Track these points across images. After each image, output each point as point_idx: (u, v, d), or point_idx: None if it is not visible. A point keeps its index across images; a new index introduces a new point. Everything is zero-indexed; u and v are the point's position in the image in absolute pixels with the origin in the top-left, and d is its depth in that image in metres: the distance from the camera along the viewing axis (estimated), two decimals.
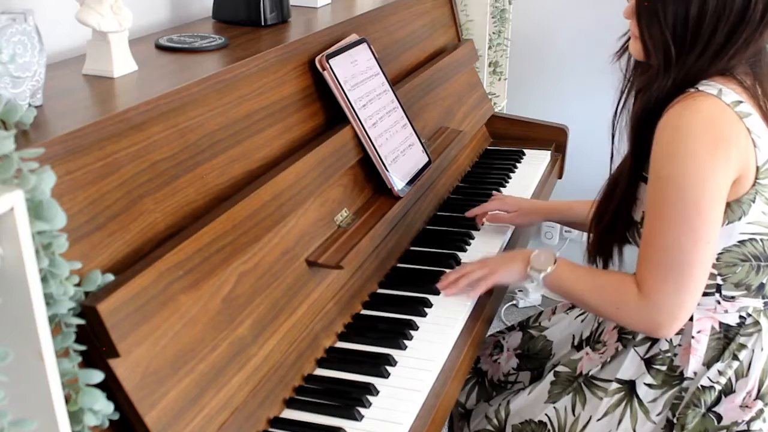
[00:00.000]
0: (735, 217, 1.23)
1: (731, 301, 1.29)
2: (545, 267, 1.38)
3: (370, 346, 1.32)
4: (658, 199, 1.22)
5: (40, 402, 0.72)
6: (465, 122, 2.09)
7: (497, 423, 1.47)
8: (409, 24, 2.02)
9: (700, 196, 1.18)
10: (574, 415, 1.37)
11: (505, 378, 1.60)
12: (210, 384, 1.04)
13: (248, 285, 1.17)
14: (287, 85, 1.44)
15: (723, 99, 1.20)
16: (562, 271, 1.37)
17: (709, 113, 1.19)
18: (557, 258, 1.39)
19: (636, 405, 1.32)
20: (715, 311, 1.30)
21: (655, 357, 1.32)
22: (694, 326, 1.30)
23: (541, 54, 2.91)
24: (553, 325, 1.58)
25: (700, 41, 1.22)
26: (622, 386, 1.34)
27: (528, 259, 1.40)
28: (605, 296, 1.31)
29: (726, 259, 1.26)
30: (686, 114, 1.20)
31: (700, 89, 1.21)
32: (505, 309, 3.05)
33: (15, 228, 0.67)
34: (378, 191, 1.59)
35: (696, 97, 1.20)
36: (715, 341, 1.30)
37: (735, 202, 1.22)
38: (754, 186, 1.22)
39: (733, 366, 1.29)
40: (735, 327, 1.30)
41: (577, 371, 1.41)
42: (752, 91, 1.24)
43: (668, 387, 1.31)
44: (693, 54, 1.22)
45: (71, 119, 1.01)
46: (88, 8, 1.16)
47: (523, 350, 1.59)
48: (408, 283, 1.50)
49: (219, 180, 1.22)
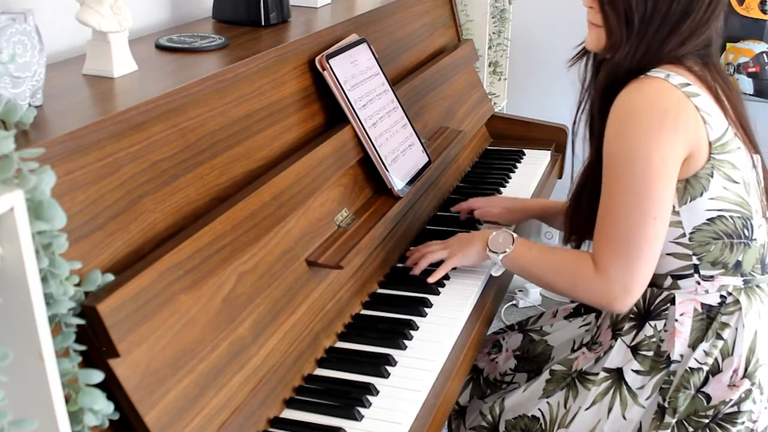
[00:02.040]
0: (696, 192, 1.26)
1: (710, 280, 1.31)
2: (503, 248, 1.42)
3: (370, 346, 1.32)
4: (609, 177, 1.27)
5: (40, 402, 0.72)
6: (465, 122, 2.09)
7: (491, 419, 1.48)
8: (409, 24, 2.02)
9: (647, 172, 1.22)
10: (566, 408, 1.39)
11: (502, 378, 1.60)
12: (210, 384, 1.04)
13: (248, 285, 1.17)
14: (287, 85, 1.44)
15: (670, 81, 1.25)
16: (520, 251, 1.41)
17: (656, 92, 1.24)
18: (515, 238, 1.42)
19: (625, 392, 1.33)
20: (696, 293, 1.32)
21: (641, 343, 1.34)
22: (677, 309, 1.32)
23: (541, 54, 2.91)
24: (555, 331, 1.58)
25: (658, 15, 1.26)
26: (609, 374, 1.35)
27: (486, 241, 1.44)
28: (563, 274, 1.35)
29: (698, 238, 1.29)
30: (633, 94, 1.25)
31: (648, 74, 1.26)
32: (505, 309, 3.05)
33: (15, 228, 0.67)
34: (378, 191, 1.59)
35: (643, 80, 1.25)
36: (698, 322, 1.32)
37: (693, 178, 1.26)
38: (709, 161, 1.25)
39: (717, 345, 1.30)
40: (716, 307, 1.32)
41: (572, 369, 1.42)
42: (700, 74, 1.29)
43: (656, 372, 1.32)
44: (652, 26, 1.27)
45: (71, 119, 1.01)
46: (88, 8, 1.16)
47: (523, 352, 1.59)
48: (408, 283, 1.50)
49: (219, 180, 1.22)
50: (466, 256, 1.48)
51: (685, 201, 1.27)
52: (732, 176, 1.27)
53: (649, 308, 1.35)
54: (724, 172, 1.27)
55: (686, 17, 1.26)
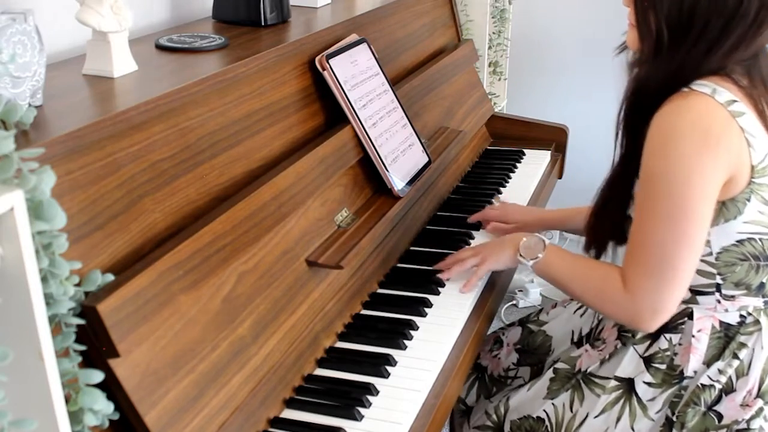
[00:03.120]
0: (730, 215, 1.23)
1: (731, 300, 1.29)
2: (535, 254, 1.41)
3: (370, 346, 1.32)
4: (646, 197, 1.23)
5: (40, 402, 0.72)
6: (465, 122, 2.09)
7: (496, 419, 1.48)
8: (409, 24, 2.02)
9: (687, 196, 1.19)
10: (572, 411, 1.38)
11: (505, 373, 1.60)
12: (210, 384, 1.04)
13: (248, 285, 1.16)
14: (287, 85, 1.44)
15: (716, 98, 1.20)
16: (551, 258, 1.40)
17: (700, 112, 1.19)
18: (547, 244, 1.41)
19: (635, 403, 1.32)
20: (715, 310, 1.30)
21: (655, 355, 1.32)
22: (695, 325, 1.30)
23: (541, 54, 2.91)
24: (552, 319, 1.58)
25: (693, 32, 1.21)
26: (620, 384, 1.34)
27: (518, 246, 1.43)
28: (591, 286, 1.33)
29: (725, 258, 1.26)
30: (676, 112, 1.20)
31: (693, 88, 1.21)
32: (505, 309, 3.05)
33: (15, 228, 0.67)
34: (378, 191, 1.59)
35: (688, 96, 1.21)
36: (715, 340, 1.30)
37: (730, 201, 1.23)
38: (749, 185, 1.22)
39: (733, 365, 1.29)
40: (735, 326, 1.30)
41: (576, 368, 1.41)
42: (748, 90, 1.24)
43: (668, 386, 1.31)
44: (686, 44, 1.22)
45: (71, 119, 1.01)
46: (88, 8, 1.16)
47: (523, 345, 1.59)
48: (408, 283, 1.50)
49: (219, 180, 1.22)
50: (498, 261, 1.47)
51: (718, 222, 1.23)
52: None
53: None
54: (762, 195, 1.23)
55: (728, 33, 1.20)
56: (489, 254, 1.48)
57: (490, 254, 1.48)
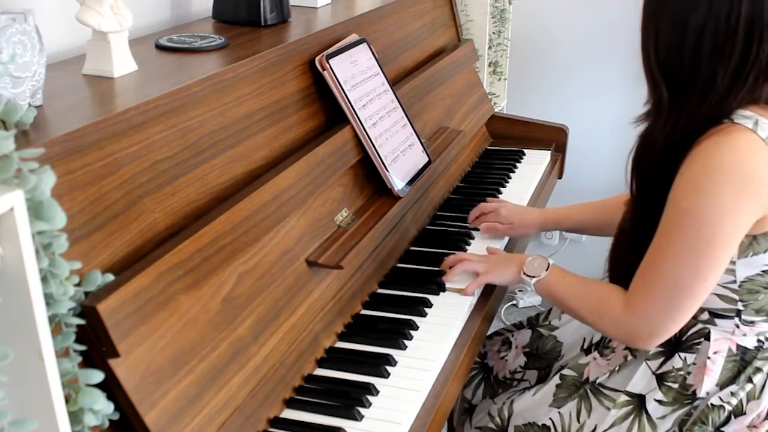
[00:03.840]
0: (760, 249, 1.21)
1: (750, 325, 1.28)
2: (538, 273, 1.41)
3: (370, 346, 1.32)
4: (671, 228, 1.20)
5: (40, 402, 0.72)
6: (465, 122, 2.09)
7: (500, 422, 1.47)
8: (409, 24, 2.02)
9: (715, 236, 1.16)
10: (579, 422, 1.37)
11: (512, 375, 1.59)
12: (210, 384, 1.04)
13: (248, 285, 1.16)
14: (287, 85, 1.44)
15: (759, 133, 1.15)
16: (554, 277, 1.39)
17: (742, 153, 1.15)
18: (550, 264, 1.41)
19: (645, 420, 1.30)
20: (733, 333, 1.29)
21: (668, 374, 1.31)
22: (711, 346, 1.28)
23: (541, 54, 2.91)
24: (563, 325, 1.57)
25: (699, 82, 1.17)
26: (631, 399, 1.32)
27: (522, 265, 1.43)
28: (590, 304, 1.33)
29: (748, 286, 1.24)
30: (719, 150, 1.15)
31: (735, 121, 1.17)
32: (505, 309, 3.05)
33: (15, 228, 0.67)
34: (378, 191, 1.59)
35: (731, 132, 1.16)
36: (731, 363, 1.29)
37: (762, 236, 1.20)
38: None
39: (746, 388, 1.28)
40: (753, 350, 1.29)
41: (584, 376, 1.40)
42: None
43: (679, 405, 1.29)
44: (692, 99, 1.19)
45: (71, 119, 1.01)
46: (88, 8, 1.16)
47: (532, 348, 1.58)
48: (408, 283, 1.50)
49: (219, 180, 1.22)
50: (501, 275, 1.47)
51: (746, 255, 1.21)
52: None
53: (680, 338, 1.31)
54: None
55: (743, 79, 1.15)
56: (494, 266, 1.47)
57: (495, 267, 1.47)
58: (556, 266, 1.41)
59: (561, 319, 1.59)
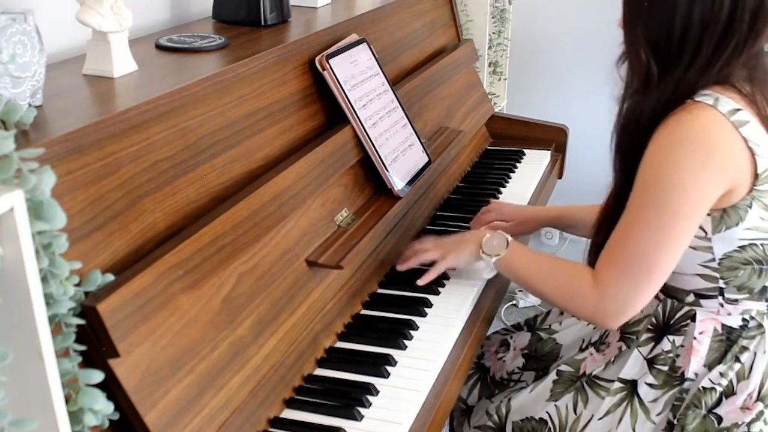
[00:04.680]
0: (732, 222, 1.23)
1: (734, 303, 1.29)
2: (497, 251, 1.39)
3: (370, 346, 1.32)
4: (638, 200, 1.23)
5: (40, 402, 0.72)
6: (465, 122, 2.09)
7: (497, 420, 1.47)
8: (409, 24, 2.02)
9: (680, 207, 1.19)
10: (576, 413, 1.37)
11: (509, 376, 1.59)
12: (210, 384, 1.04)
13: (248, 285, 1.17)
14: (287, 85, 1.44)
15: (719, 108, 1.19)
16: (515, 255, 1.38)
17: (704, 126, 1.19)
18: (510, 241, 1.40)
19: (636, 404, 1.32)
20: (718, 313, 1.30)
21: (657, 357, 1.32)
22: (697, 327, 1.30)
23: (541, 54, 2.91)
24: (563, 329, 1.57)
25: (685, 56, 1.22)
26: (624, 386, 1.34)
27: (480, 242, 1.41)
28: (558, 283, 1.33)
29: (727, 263, 1.26)
30: (682, 126, 1.19)
31: (696, 99, 1.21)
32: (505, 309, 3.05)
33: (15, 228, 0.67)
34: (378, 191, 1.59)
35: (692, 109, 1.20)
36: (717, 343, 1.30)
37: (731, 209, 1.22)
38: (750, 192, 1.21)
39: (734, 368, 1.29)
40: (738, 329, 1.30)
41: (580, 371, 1.41)
42: (751, 98, 1.24)
43: (669, 387, 1.31)
44: (678, 70, 1.22)
45: (71, 119, 1.01)
46: (88, 8, 1.16)
47: (531, 351, 1.58)
48: (408, 283, 1.50)
49: (219, 180, 1.22)
50: (458, 256, 1.45)
51: (719, 230, 1.23)
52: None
53: (668, 322, 1.33)
54: (764, 202, 1.22)
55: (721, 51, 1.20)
56: (450, 249, 1.45)
57: (451, 250, 1.45)
58: (517, 243, 1.40)
59: (561, 324, 1.58)
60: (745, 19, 1.19)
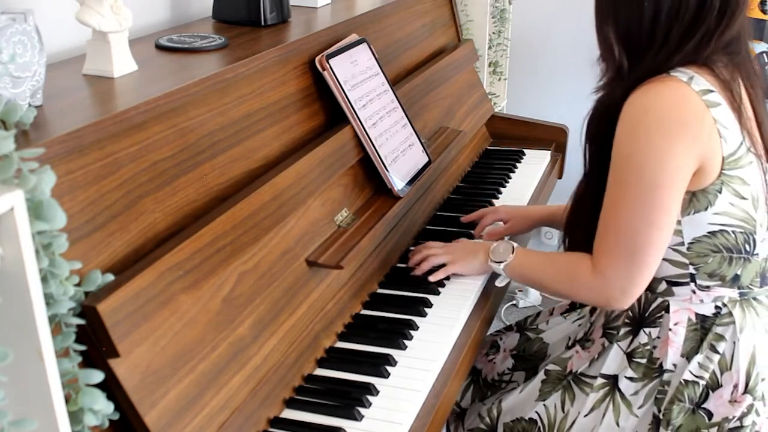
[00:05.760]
0: (701, 206, 1.24)
1: (706, 290, 1.30)
2: (504, 257, 1.43)
3: (370, 346, 1.32)
4: (617, 179, 1.24)
5: (40, 402, 0.72)
6: (465, 122, 2.09)
7: (489, 422, 1.48)
8: (409, 24, 2.02)
9: (658, 179, 1.20)
10: (563, 411, 1.39)
11: (500, 377, 1.60)
12: (210, 384, 1.04)
13: (248, 285, 1.17)
14: (287, 85, 1.44)
15: (692, 85, 1.20)
16: (521, 259, 1.42)
17: (674, 98, 1.20)
18: (515, 247, 1.44)
19: (618, 399, 1.33)
20: (690, 301, 1.31)
21: (636, 350, 1.33)
22: (671, 318, 1.31)
23: (541, 54, 2.91)
24: (550, 328, 1.59)
25: (654, 45, 1.23)
26: (606, 381, 1.35)
27: (488, 252, 1.46)
28: (560, 274, 1.36)
29: (697, 249, 1.27)
30: (651, 95, 1.21)
31: (671, 74, 1.22)
32: (505, 309, 3.05)
33: (15, 228, 0.67)
34: (378, 191, 1.59)
35: (665, 80, 1.21)
36: (692, 332, 1.31)
37: (701, 192, 1.23)
38: (720, 177, 1.22)
39: (713, 359, 1.29)
40: (711, 317, 1.31)
41: (567, 369, 1.42)
42: (728, 84, 1.25)
43: (648, 379, 1.32)
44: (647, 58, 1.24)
45: (71, 119, 1.01)
46: (88, 8, 1.16)
47: (519, 351, 1.59)
48: (408, 283, 1.50)
49: (219, 180, 1.22)
50: (468, 265, 1.49)
51: (689, 213, 1.24)
52: (741, 192, 1.24)
53: (643, 314, 1.34)
54: (733, 188, 1.23)
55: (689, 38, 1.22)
56: (460, 257, 1.50)
57: (461, 257, 1.50)
58: (521, 248, 1.44)
59: (548, 323, 1.60)
60: (715, 5, 1.20)
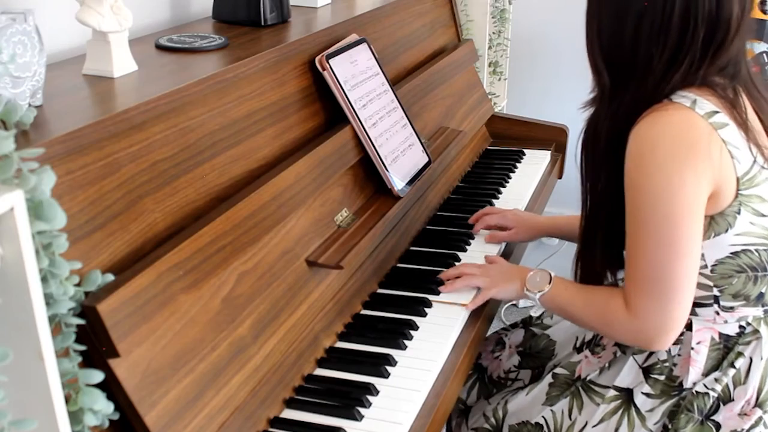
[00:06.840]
0: (721, 229, 1.21)
1: (730, 311, 1.27)
2: (541, 287, 1.38)
3: (370, 346, 1.32)
4: (634, 214, 1.21)
5: (40, 402, 0.72)
6: (465, 122, 2.09)
7: (494, 422, 1.47)
8: (408, 24, 2.02)
9: (673, 209, 1.17)
10: (571, 419, 1.37)
11: (506, 375, 1.59)
12: (210, 384, 1.04)
13: (248, 285, 1.17)
14: (287, 85, 1.44)
15: (696, 109, 1.18)
16: (557, 290, 1.37)
17: (680, 125, 1.17)
18: (552, 277, 1.39)
19: (633, 413, 1.31)
20: (714, 322, 1.29)
21: (653, 366, 1.31)
22: (694, 337, 1.28)
23: (541, 54, 2.91)
24: (555, 323, 1.57)
25: (637, 72, 1.22)
26: (619, 394, 1.33)
27: (524, 280, 1.41)
28: (596, 314, 1.31)
29: (720, 270, 1.24)
30: (656, 126, 1.18)
31: (673, 100, 1.20)
32: (505, 309, 3.05)
33: (15, 228, 0.67)
34: (378, 191, 1.59)
35: (668, 108, 1.19)
36: (715, 352, 1.29)
37: (719, 215, 1.21)
38: (737, 198, 1.20)
39: (729, 373, 1.27)
40: (735, 336, 1.28)
41: (576, 374, 1.41)
42: (731, 101, 1.22)
43: (667, 397, 1.30)
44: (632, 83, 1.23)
45: (71, 119, 1.01)
46: (88, 8, 1.16)
47: (525, 348, 1.58)
48: (408, 283, 1.50)
49: (219, 180, 1.22)
50: (503, 291, 1.44)
51: (709, 236, 1.21)
52: (760, 210, 1.21)
53: None
54: (752, 207, 1.20)
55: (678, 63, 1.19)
56: (497, 282, 1.45)
57: (497, 282, 1.45)
58: (558, 278, 1.39)
59: (553, 318, 1.59)
60: (699, 34, 1.18)
